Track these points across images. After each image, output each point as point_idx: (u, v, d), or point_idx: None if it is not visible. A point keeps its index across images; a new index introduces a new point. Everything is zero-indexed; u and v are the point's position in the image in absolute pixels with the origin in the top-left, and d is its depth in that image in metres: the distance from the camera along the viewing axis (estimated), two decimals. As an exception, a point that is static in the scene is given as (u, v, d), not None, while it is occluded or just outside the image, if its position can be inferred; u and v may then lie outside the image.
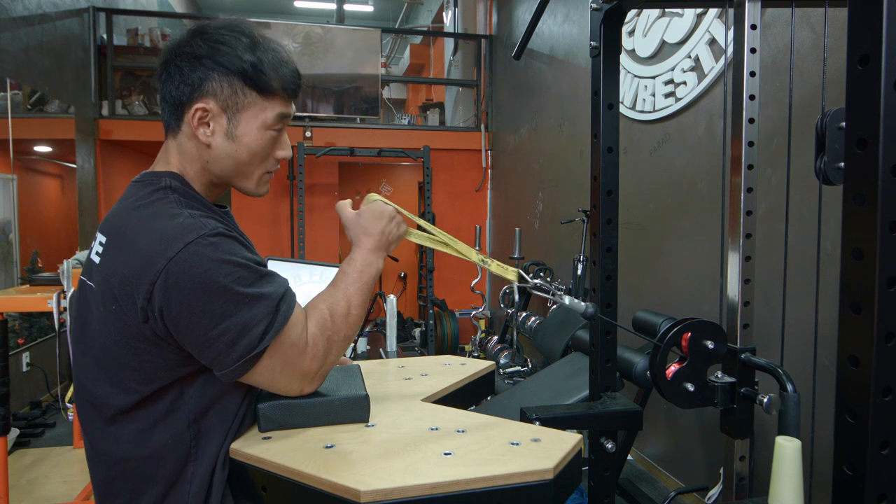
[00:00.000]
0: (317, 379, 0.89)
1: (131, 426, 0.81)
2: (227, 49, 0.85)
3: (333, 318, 0.88)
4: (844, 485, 0.59)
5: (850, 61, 0.56)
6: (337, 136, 5.09)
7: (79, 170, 4.40)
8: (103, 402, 0.81)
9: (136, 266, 0.76)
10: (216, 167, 0.89)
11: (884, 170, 0.54)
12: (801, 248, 1.73)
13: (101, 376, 0.82)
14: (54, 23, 4.07)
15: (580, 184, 3.65)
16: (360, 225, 0.97)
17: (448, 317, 5.03)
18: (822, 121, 1.08)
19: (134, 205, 0.84)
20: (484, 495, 0.74)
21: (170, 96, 0.87)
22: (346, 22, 7.51)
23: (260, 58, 0.86)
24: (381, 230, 0.96)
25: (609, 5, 1.18)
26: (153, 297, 0.76)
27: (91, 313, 0.82)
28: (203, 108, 0.85)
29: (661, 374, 1.10)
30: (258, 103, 0.88)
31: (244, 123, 0.87)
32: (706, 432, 2.44)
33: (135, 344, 0.78)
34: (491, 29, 5.53)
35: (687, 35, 2.51)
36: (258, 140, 0.89)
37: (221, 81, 0.85)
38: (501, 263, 1.01)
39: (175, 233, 0.77)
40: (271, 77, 0.87)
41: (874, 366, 0.56)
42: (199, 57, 0.85)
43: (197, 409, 0.83)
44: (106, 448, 0.83)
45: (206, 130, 0.87)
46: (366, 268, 0.93)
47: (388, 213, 0.97)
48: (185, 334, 0.77)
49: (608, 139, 1.21)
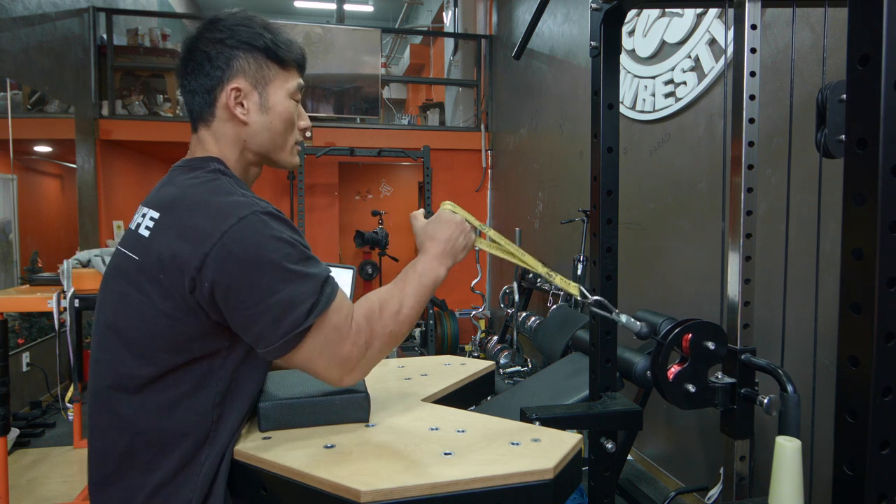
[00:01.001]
0: (357, 370, 0.87)
1: (159, 396, 0.83)
2: (246, 29, 0.92)
3: (382, 312, 0.89)
4: (844, 485, 0.59)
5: (850, 61, 0.56)
6: (337, 136, 5.09)
7: (79, 170, 4.40)
8: (131, 373, 0.83)
9: (190, 239, 0.79)
10: (254, 143, 0.94)
11: (884, 170, 0.54)
12: (801, 248, 1.73)
13: (129, 347, 0.83)
14: (54, 23, 4.07)
15: (580, 184, 3.65)
16: (426, 232, 0.98)
17: (448, 317, 5.03)
18: (823, 93, 1.07)
19: (188, 183, 0.87)
20: (484, 495, 0.74)
21: (199, 86, 0.92)
22: (346, 22, 7.50)
23: (275, 35, 0.94)
24: (446, 237, 0.97)
25: (609, 5, 1.18)
26: (204, 269, 0.78)
27: (133, 284, 0.84)
28: (237, 87, 0.91)
29: (662, 376, 1.10)
30: (280, 75, 0.95)
31: (273, 95, 0.94)
32: (706, 432, 2.44)
33: (176, 315, 0.81)
34: (491, 29, 5.53)
35: (687, 35, 2.51)
36: (287, 108, 0.96)
37: (248, 58, 0.92)
38: (564, 278, 1.03)
39: (230, 208, 0.81)
40: (287, 51, 0.95)
41: (874, 366, 0.56)
42: (221, 40, 0.91)
43: (223, 391, 0.85)
44: (133, 416, 0.84)
45: (242, 109, 0.92)
46: (426, 272, 0.94)
47: (455, 222, 0.98)
48: (234, 308, 0.80)
49: (608, 139, 1.21)
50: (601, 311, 1.03)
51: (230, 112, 0.92)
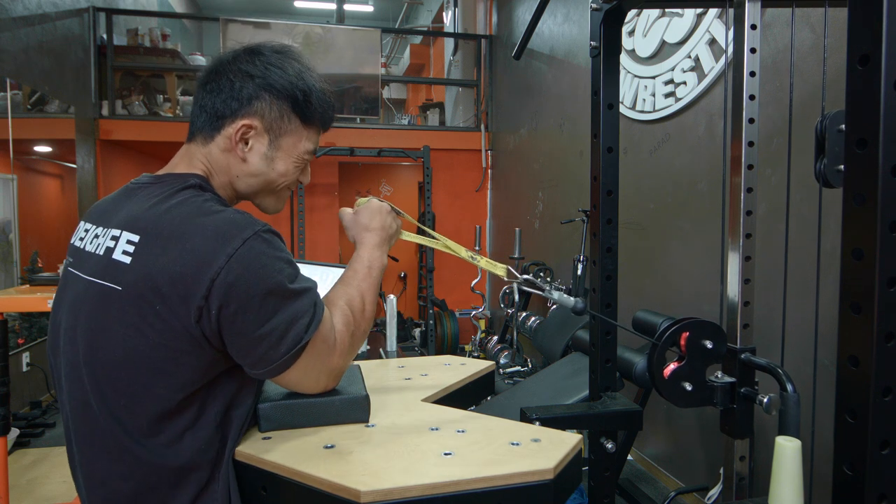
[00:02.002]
0: (339, 375, 0.90)
1: (163, 436, 0.78)
2: (281, 73, 0.87)
3: (353, 314, 0.90)
4: (844, 485, 0.59)
5: (850, 61, 0.56)
6: (337, 136, 5.09)
7: (79, 170, 4.40)
8: (128, 415, 0.77)
9: (191, 264, 0.74)
10: (243, 184, 0.90)
11: (884, 170, 0.54)
12: (801, 248, 1.73)
13: (118, 387, 0.77)
14: (54, 23, 4.07)
15: (580, 184, 3.65)
16: (359, 223, 0.98)
17: (448, 317, 5.03)
18: (822, 123, 1.07)
19: (167, 202, 0.80)
20: (484, 495, 0.74)
21: (212, 107, 0.87)
22: (346, 22, 7.50)
23: (310, 87, 0.90)
24: (380, 225, 0.98)
25: (609, 5, 1.18)
26: (211, 294, 0.74)
27: (116, 319, 0.76)
28: (248, 124, 0.86)
29: (658, 373, 1.10)
30: (299, 131, 0.90)
31: (283, 148, 0.90)
32: (706, 432, 2.44)
33: (177, 346, 0.75)
34: (491, 29, 5.53)
35: (687, 35, 2.51)
36: (291, 166, 0.91)
37: (272, 103, 0.87)
38: (490, 260, 1.03)
39: (229, 228, 0.77)
40: (316, 108, 0.91)
41: (874, 366, 0.56)
42: (252, 76, 0.87)
43: (221, 412, 0.82)
44: (135, 460, 0.78)
45: (244, 147, 0.88)
46: (373, 262, 0.95)
47: (384, 209, 1.00)
48: (238, 332, 0.76)
49: (608, 139, 1.21)
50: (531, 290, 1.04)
51: (231, 144, 0.87)
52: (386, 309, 2.49)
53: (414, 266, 6.53)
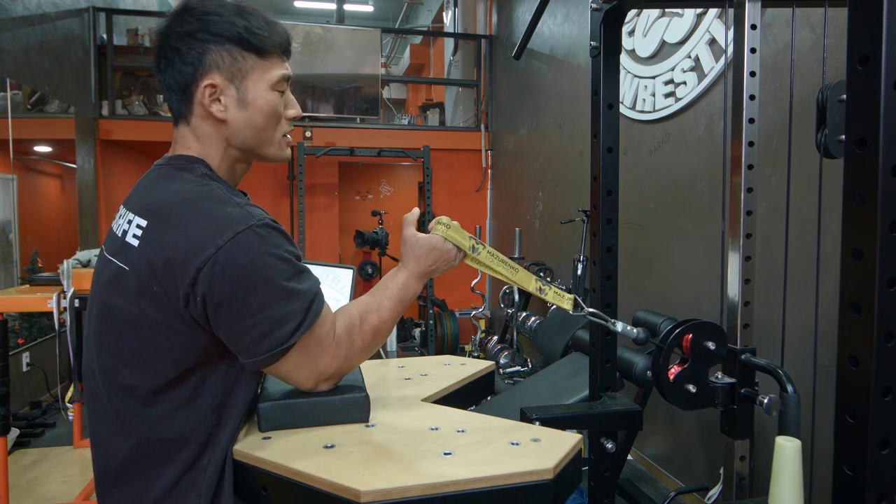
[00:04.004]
0: (333, 379, 0.90)
1: (156, 407, 0.82)
2: (217, 18, 0.85)
3: (363, 325, 0.90)
4: (844, 485, 0.59)
5: (850, 61, 0.56)
6: (337, 136, 5.09)
7: (79, 170, 4.40)
8: (127, 384, 0.82)
9: (183, 250, 0.77)
10: (237, 140, 0.89)
11: (884, 170, 0.54)
12: (801, 248, 1.72)
13: (122, 358, 0.82)
14: (54, 23, 4.07)
15: (580, 184, 3.65)
16: (414, 250, 0.95)
17: (448, 317, 5.03)
18: (823, 93, 1.07)
19: (177, 188, 0.83)
20: (484, 495, 0.74)
21: (174, 82, 0.87)
22: (346, 22, 7.50)
23: (250, 21, 0.87)
24: (431, 263, 0.95)
25: (609, 5, 1.18)
26: (198, 282, 0.76)
27: (122, 295, 0.81)
28: (211, 83, 0.85)
29: (663, 376, 1.10)
30: (259, 65, 0.88)
31: (252, 88, 0.88)
32: (706, 432, 2.44)
33: (172, 325, 0.79)
34: (491, 29, 5.53)
35: (687, 35, 2.51)
36: (269, 101, 0.89)
37: (220, 51, 0.85)
38: (557, 290, 1.00)
39: (225, 220, 0.78)
40: (266, 37, 0.88)
41: (874, 366, 0.56)
42: (191, 33, 0.85)
43: (220, 396, 0.84)
44: (132, 426, 0.82)
45: (219, 106, 0.87)
46: (406, 288, 0.94)
47: (444, 251, 0.95)
48: (222, 321, 0.79)
49: (608, 139, 1.21)
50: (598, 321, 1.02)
51: (206, 110, 0.87)
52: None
53: (414, 266, 6.52)
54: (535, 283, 1.00)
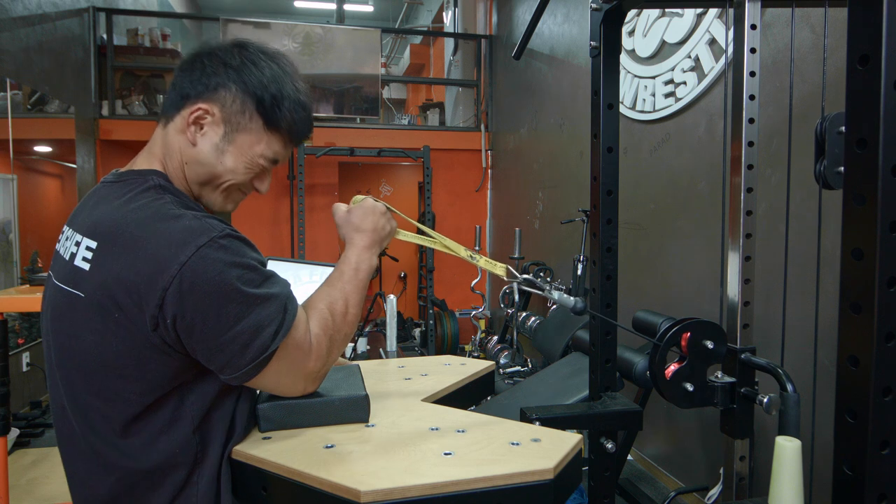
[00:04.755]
0: (319, 378, 0.89)
1: (136, 439, 0.78)
2: (255, 71, 0.85)
3: (334, 318, 0.88)
4: (844, 485, 0.59)
5: (850, 61, 0.56)
6: (337, 136, 5.09)
7: (79, 170, 4.40)
8: (101, 417, 0.79)
9: (144, 272, 0.73)
10: (190, 171, 0.87)
11: (884, 170, 0.54)
12: (801, 248, 1.72)
13: (92, 391, 0.78)
14: (54, 23, 4.07)
15: (580, 184, 3.65)
16: (351, 223, 0.95)
17: (448, 317, 5.03)
18: (822, 125, 1.07)
19: (127, 207, 0.79)
20: (484, 495, 0.74)
21: (180, 86, 0.86)
22: (346, 22, 7.50)
23: (283, 93, 0.86)
24: (372, 226, 0.95)
25: (609, 5, 1.18)
26: (165, 304, 0.73)
27: (81, 325, 0.77)
28: (206, 108, 0.84)
29: (660, 374, 1.10)
30: (259, 134, 0.87)
31: (238, 144, 0.86)
32: (706, 432, 2.44)
33: (140, 353, 0.75)
34: (491, 29, 5.53)
35: (687, 35, 2.50)
36: (242, 166, 0.87)
37: (236, 96, 0.84)
38: (490, 259, 1.02)
39: (184, 236, 0.74)
40: (284, 115, 0.87)
41: (874, 366, 0.56)
42: (226, 64, 0.85)
43: (199, 415, 0.81)
44: (112, 461, 0.79)
45: (197, 130, 0.85)
46: (360, 265, 0.93)
47: (378, 209, 0.97)
48: (199, 340, 0.76)
49: (608, 139, 1.21)
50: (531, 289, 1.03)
51: (185, 125, 0.85)
52: (386, 309, 2.49)
53: (414, 266, 6.53)
54: (466, 252, 1.02)
